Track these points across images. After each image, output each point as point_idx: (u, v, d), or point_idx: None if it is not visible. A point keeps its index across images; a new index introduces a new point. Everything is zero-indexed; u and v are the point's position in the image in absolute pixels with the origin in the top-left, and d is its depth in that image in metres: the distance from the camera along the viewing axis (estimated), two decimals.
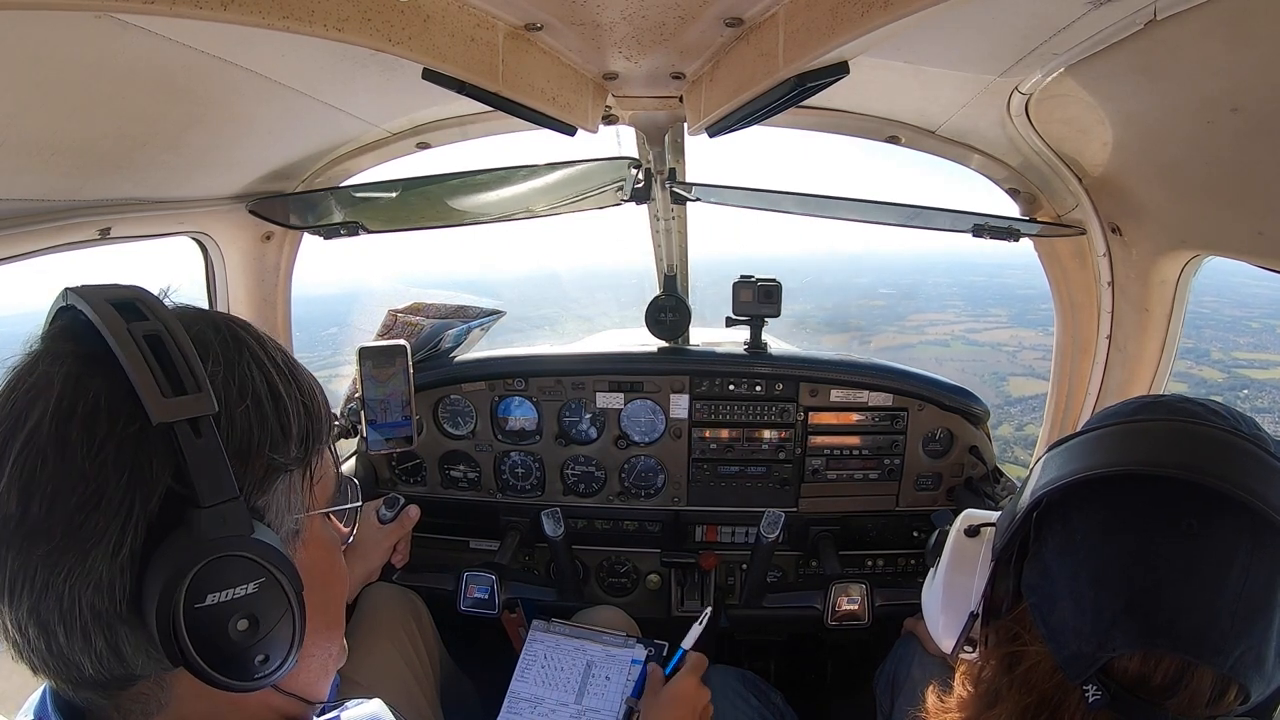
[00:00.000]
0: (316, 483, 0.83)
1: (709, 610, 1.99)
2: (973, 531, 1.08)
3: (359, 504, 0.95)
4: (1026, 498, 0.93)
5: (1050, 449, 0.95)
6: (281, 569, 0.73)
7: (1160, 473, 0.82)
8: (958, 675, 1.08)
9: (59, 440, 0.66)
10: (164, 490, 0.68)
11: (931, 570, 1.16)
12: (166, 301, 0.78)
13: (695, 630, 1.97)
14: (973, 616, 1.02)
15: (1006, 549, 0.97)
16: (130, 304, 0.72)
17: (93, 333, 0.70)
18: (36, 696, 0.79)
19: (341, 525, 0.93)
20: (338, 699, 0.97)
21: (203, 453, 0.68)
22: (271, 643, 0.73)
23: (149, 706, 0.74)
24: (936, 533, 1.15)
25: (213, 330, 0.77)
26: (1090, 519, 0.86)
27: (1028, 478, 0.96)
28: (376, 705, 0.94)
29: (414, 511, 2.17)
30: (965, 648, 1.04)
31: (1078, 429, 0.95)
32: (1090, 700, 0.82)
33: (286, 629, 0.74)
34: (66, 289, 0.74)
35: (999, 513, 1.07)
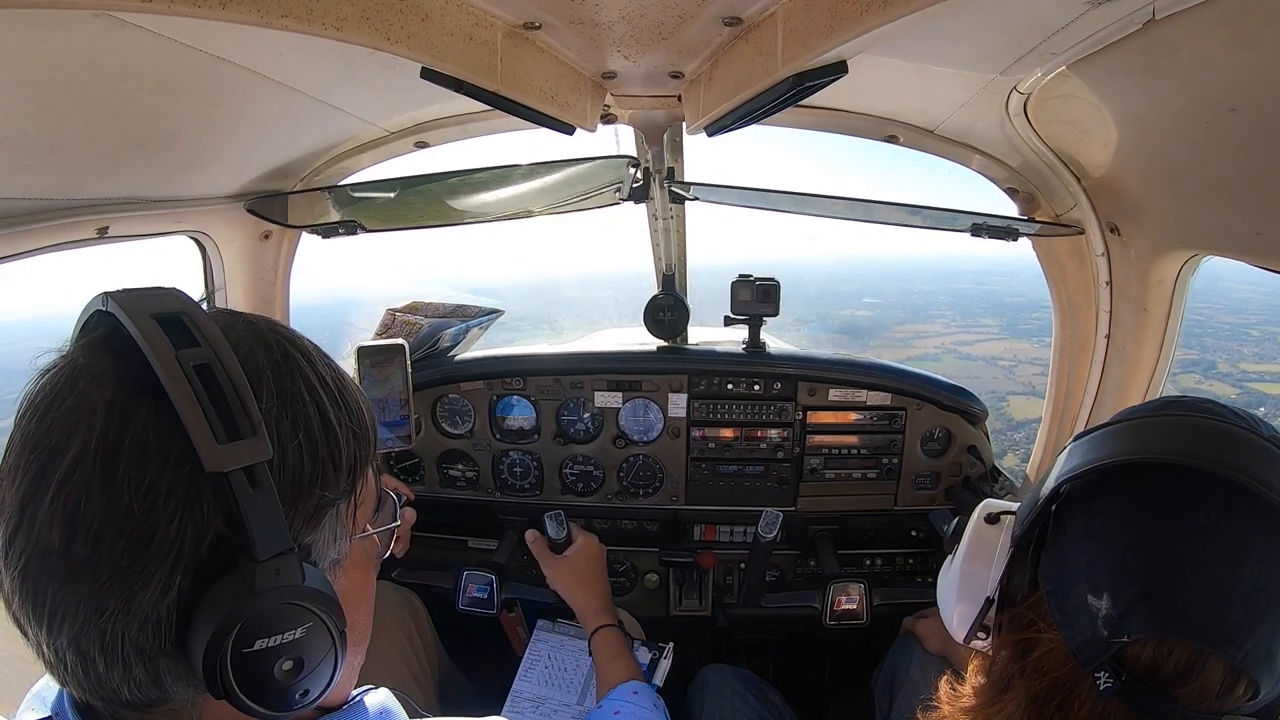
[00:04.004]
0: (359, 505, 0.82)
1: (672, 645, 2.18)
2: (993, 519, 1.08)
3: (397, 524, 0.94)
4: (1048, 486, 0.94)
5: (1073, 440, 0.97)
6: (329, 611, 0.73)
7: (1181, 462, 0.84)
8: (971, 666, 1.09)
9: (105, 477, 0.63)
10: (215, 535, 0.66)
11: (949, 557, 1.16)
12: (205, 306, 0.74)
13: (665, 665, 2.13)
14: (989, 602, 1.03)
15: (1025, 536, 0.98)
16: (176, 321, 0.68)
17: (135, 351, 0.66)
18: (50, 694, 0.78)
19: (378, 540, 0.92)
20: None
21: (258, 504, 0.67)
22: (314, 678, 0.73)
23: None
24: (956, 520, 1.16)
25: (263, 350, 0.74)
26: (1110, 507, 0.88)
27: (1050, 467, 0.97)
28: (384, 694, 0.94)
29: (410, 515, 2.20)
30: (979, 635, 1.05)
31: (1092, 425, 0.96)
32: (1101, 688, 0.83)
33: (329, 665, 0.75)
34: (106, 294, 0.70)
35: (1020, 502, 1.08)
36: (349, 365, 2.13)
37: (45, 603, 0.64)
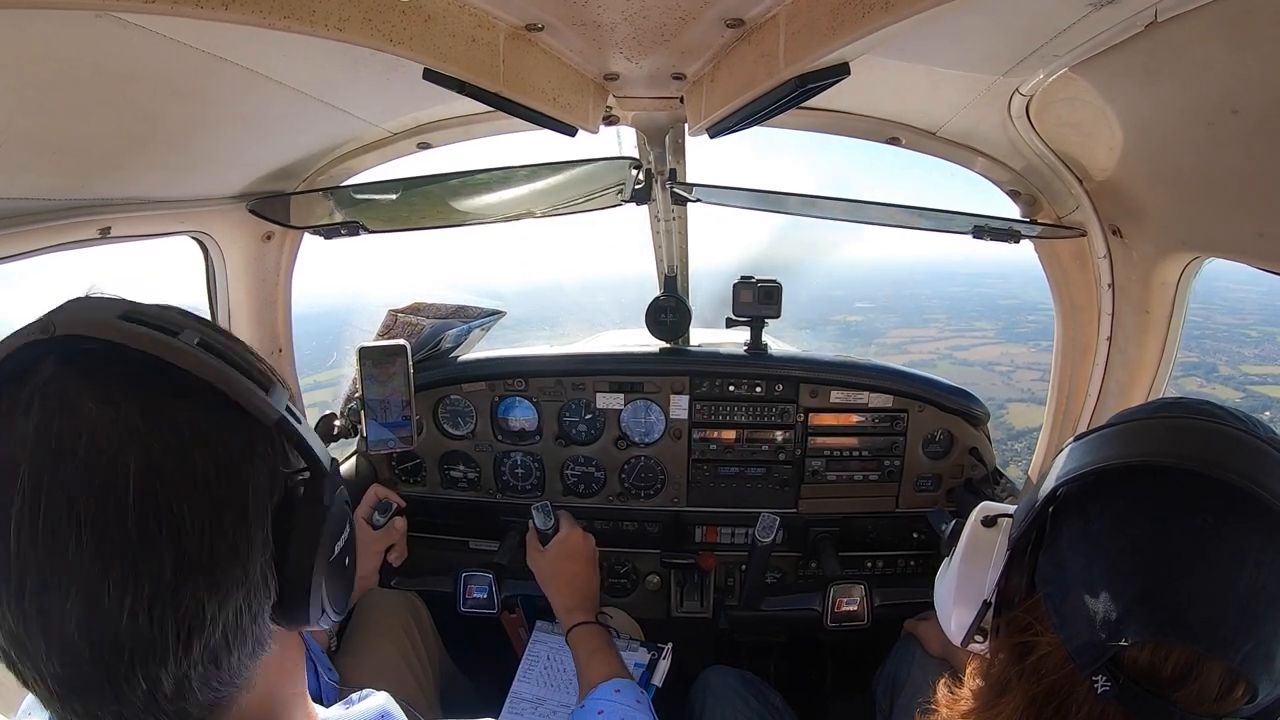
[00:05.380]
0: None
1: (671, 645, 2.18)
2: (990, 521, 1.08)
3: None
4: (1045, 488, 0.94)
5: (1071, 442, 0.96)
6: (350, 507, 0.84)
7: (1178, 465, 0.83)
8: (969, 669, 1.09)
9: (188, 480, 0.64)
10: (284, 477, 0.74)
11: (946, 560, 1.16)
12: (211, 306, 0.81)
13: (664, 666, 2.13)
14: (986, 605, 1.03)
15: (1023, 539, 0.98)
16: (137, 317, 0.68)
17: (110, 363, 0.65)
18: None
19: None
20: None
21: (304, 430, 0.75)
22: (347, 580, 0.85)
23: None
24: (954, 522, 1.16)
25: (213, 326, 0.76)
26: (1107, 509, 0.88)
27: (1047, 469, 0.97)
28: (384, 698, 0.94)
29: (400, 523, 2.21)
30: (976, 638, 1.05)
31: (1091, 428, 0.96)
32: (1099, 691, 0.82)
33: (354, 562, 0.87)
34: (48, 322, 0.65)
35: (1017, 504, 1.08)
36: (352, 367, 2.13)
37: (170, 627, 0.64)
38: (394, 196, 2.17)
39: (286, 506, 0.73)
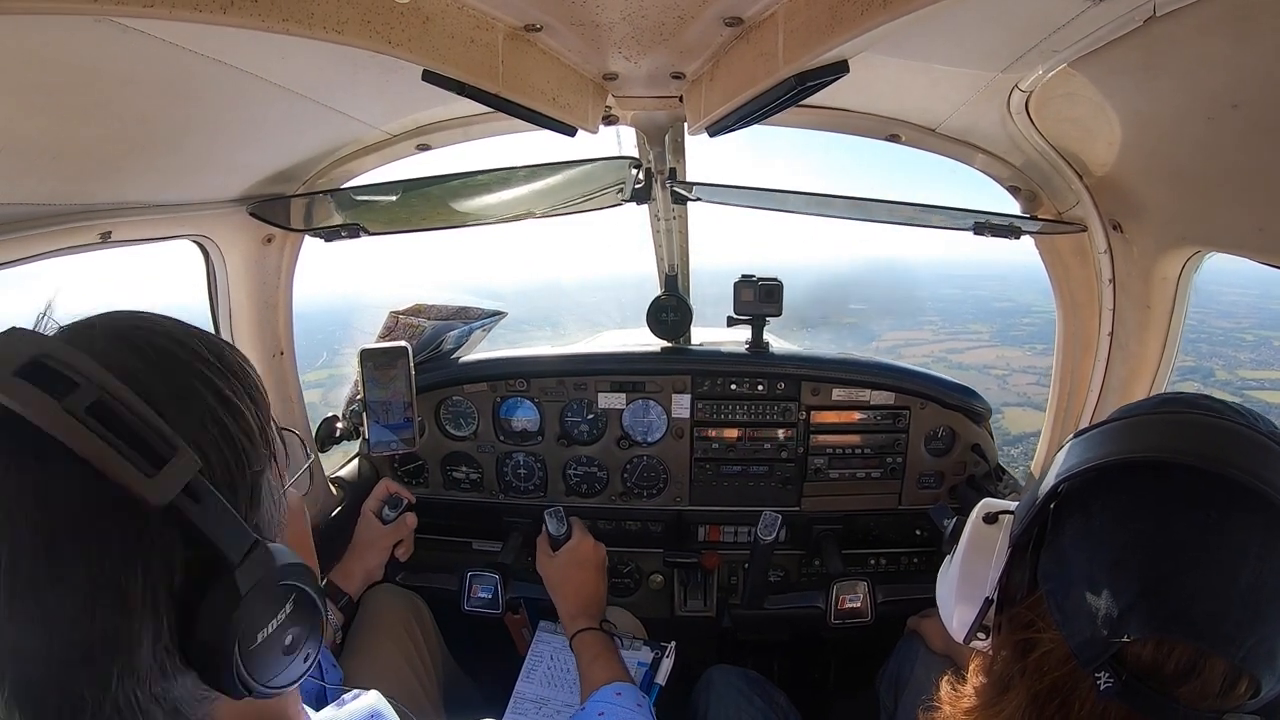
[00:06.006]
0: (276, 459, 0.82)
1: (675, 644, 2.17)
2: (991, 518, 1.08)
3: (311, 458, 0.96)
4: (1046, 484, 0.93)
5: (1072, 438, 0.96)
6: (302, 577, 0.75)
7: (1180, 460, 0.83)
8: (971, 666, 1.09)
9: (55, 566, 0.60)
10: (182, 563, 0.65)
11: (948, 557, 1.16)
12: (51, 327, 0.70)
13: (668, 665, 2.11)
14: (988, 602, 1.03)
15: (1024, 535, 0.97)
16: (40, 367, 0.61)
17: (12, 421, 0.60)
18: None
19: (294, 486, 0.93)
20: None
21: (210, 515, 0.66)
22: (310, 639, 0.76)
23: None
24: (956, 519, 1.15)
25: (137, 357, 0.69)
26: (1109, 505, 0.87)
27: (1048, 465, 0.96)
28: (374, 697, 0.94)
29: (411, 519, 2.21)
30: (978, 635, 1.05)
31: (1092, 424, 0.96)
32: (1102, 688, 0.82)
33: (317, 621, 0.78)
34: None
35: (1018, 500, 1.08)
36: (346, 368, 2.14)
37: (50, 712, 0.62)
38: (394, 198, 2.17)
39: (193, 592, 0.66)
